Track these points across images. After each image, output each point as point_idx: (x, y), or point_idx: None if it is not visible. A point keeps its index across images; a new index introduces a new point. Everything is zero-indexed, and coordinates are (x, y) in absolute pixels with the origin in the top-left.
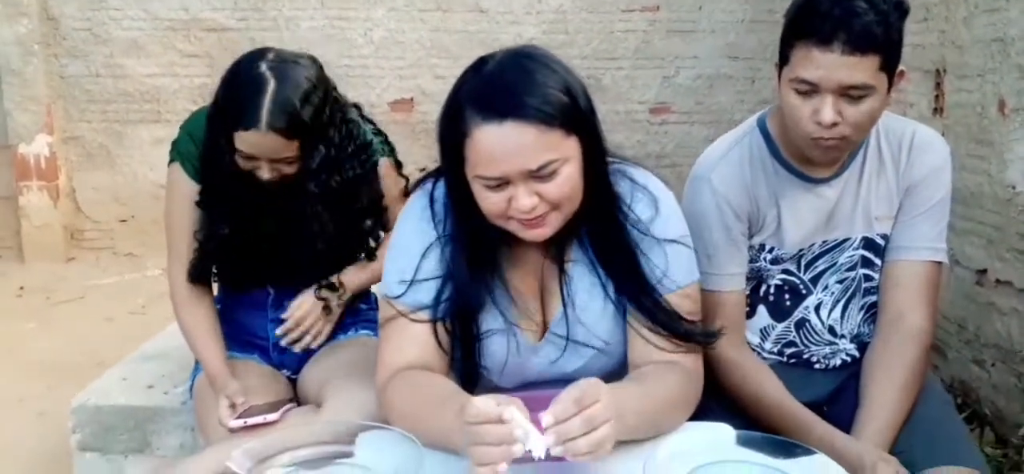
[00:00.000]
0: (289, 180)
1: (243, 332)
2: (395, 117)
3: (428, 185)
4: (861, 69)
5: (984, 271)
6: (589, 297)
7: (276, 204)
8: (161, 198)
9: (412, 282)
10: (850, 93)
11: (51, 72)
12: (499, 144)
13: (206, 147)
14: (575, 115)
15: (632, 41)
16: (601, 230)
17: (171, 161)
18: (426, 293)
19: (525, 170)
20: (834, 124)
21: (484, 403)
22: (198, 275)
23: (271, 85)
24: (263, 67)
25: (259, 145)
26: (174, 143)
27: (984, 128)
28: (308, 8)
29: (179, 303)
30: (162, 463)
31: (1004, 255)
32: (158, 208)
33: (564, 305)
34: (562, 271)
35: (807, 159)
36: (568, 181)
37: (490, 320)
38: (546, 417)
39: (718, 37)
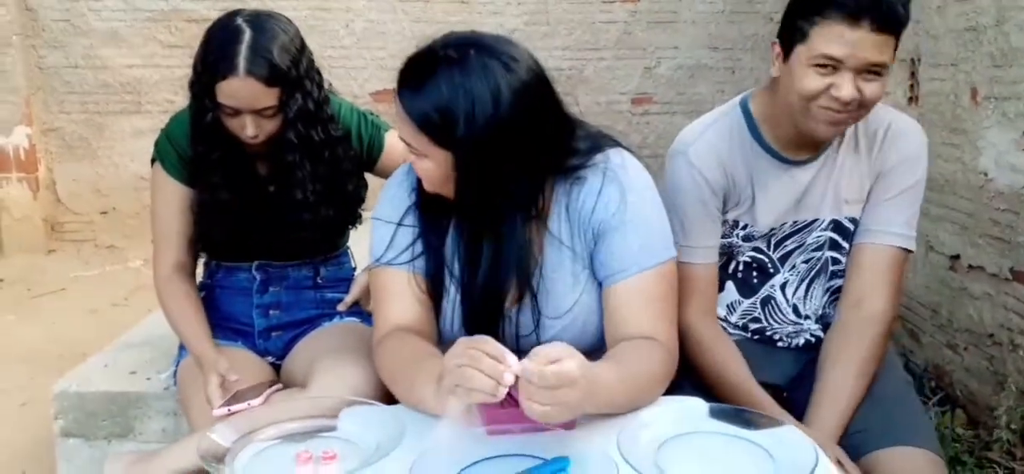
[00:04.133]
0: (273, 138)
1: (228, 319)
2: (377, 107)
3: None
4: (884, 48)
5: (957, 256)
6: (557, 268)
7: (264, 166)
8: (142, 190)
9: (391, 243)
10: (870, 71)
11: (30, 63)
12: (395, 111)
13: (192, 114)
14: (446, 135)
15: (613, 32)
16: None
17: (153, 161)
18: (407, 253)
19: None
20: (850, 101)
21: (491, 340)
22: (204, 246)
23: (247, 34)
24: (238, 20)
25: (239, 93)
26: (156, 144)
27: (957, 116)
28: None
29: (163, 289)
30: (138, 456)
31: (977, 241)
32: (140, 200)
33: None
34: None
35: (787, 141)
36: (425, 172)
37: (457, 268)
38: (521, 366)
39: (699, 28)
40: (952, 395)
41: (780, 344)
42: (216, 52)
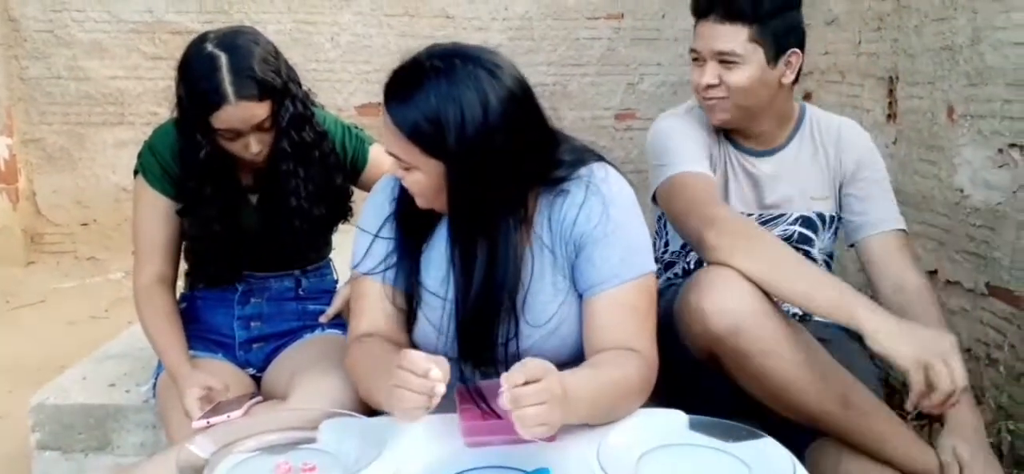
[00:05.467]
0: (274, 149)
1: (209, 330)
2: (363, 121)
3: None
4: (733, 37)
5: (934, 272)
6: (539, 278)
7: (248, 176)
8: (123, 201)
9: (367, 252)
10: (724, 60)
11: (11, 74)
12: (383, 125)
13: (182, 148)
14: (437, 144)
15: (597, 48)
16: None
17: (135, 173)
18: (379, 261)
19: (387, 151)
20: (710, 86)
21: (417, 355)
22: (198, 277)
23: (223, 59)
24: (209, 47)
25: (235, 117)
26: (139, 155)
27: (934, 134)
28: (274, 12)
29: (142, 301)
30: (119, 469)
31: (954, 256)
32: (121, 212)
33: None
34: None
35: (736, 133)
36: (416, 184)
37: (434, 285)
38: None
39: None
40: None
41: None
42: (200, 86)
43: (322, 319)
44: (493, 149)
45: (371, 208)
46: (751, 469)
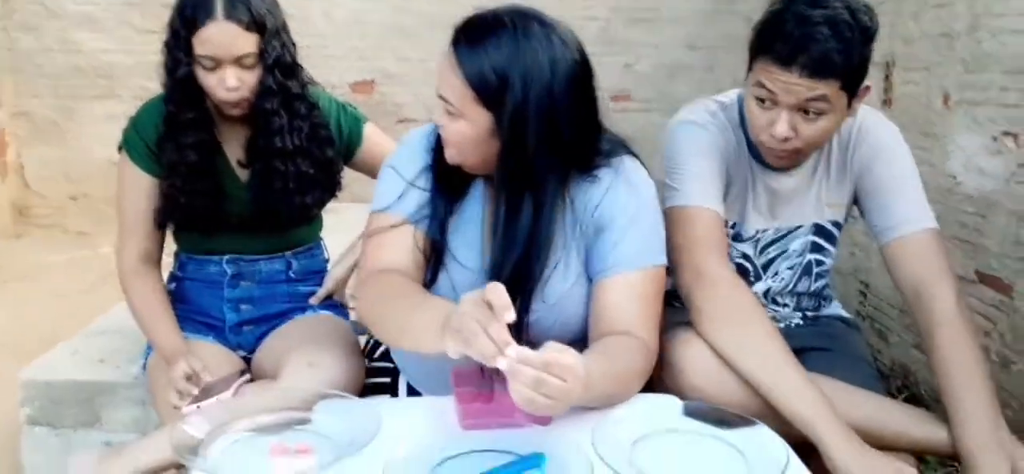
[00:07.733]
0: (252, 103)
1: (198, 313)
2: (356, 98)
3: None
4: (819, 90)
5: None
6: (553, 256)
7: (237, 148)
8: (113, 175)
9: (401, 196)
10: (808, 108)
11: (1, 46)
12: (440, 65)
13: (167, 71)
14: (495, 97)
15: (593, 28)
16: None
17: (120, 149)
18: (412, 205)
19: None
20: (786, 139)
21: (506, 296)
22: (167, 216)
23: None
24: None
25: (218, 39)
26: (123, 132)
27: (929, 120)
28: None
29: (128, 282)
30: (109, 450)
31: (945, 242)
32: (110, 186)
33: None
34: None
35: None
36: (457, 133)
37: (462, 251)
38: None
39: (678, 27)
40: (917, 394)
41: None
42: (193, 3)
43: (313, 301)
44: (548, 117)
45: (406, 151)
46: (745, 456)
